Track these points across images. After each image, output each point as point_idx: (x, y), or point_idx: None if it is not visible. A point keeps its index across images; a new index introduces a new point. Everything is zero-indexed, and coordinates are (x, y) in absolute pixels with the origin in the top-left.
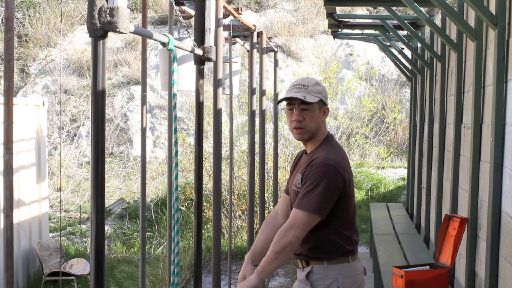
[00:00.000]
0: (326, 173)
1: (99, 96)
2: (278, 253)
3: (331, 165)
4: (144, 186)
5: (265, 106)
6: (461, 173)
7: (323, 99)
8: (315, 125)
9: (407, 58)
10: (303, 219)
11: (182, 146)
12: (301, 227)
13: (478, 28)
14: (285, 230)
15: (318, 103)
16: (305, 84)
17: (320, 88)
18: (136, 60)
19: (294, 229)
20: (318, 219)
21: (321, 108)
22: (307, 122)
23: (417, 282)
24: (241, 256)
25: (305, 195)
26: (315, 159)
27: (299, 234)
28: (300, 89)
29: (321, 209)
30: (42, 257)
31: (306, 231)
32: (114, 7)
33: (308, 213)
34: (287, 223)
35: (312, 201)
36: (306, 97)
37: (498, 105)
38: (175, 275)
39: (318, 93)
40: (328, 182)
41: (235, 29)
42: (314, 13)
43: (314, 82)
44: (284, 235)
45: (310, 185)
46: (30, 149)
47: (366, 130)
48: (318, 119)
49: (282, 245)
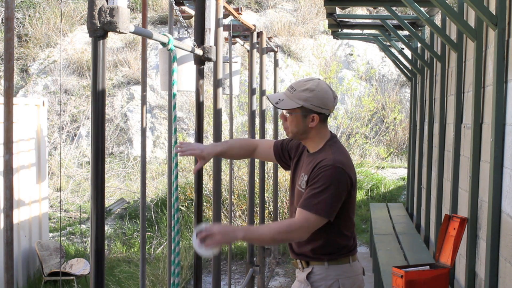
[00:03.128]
0: (336, 175)
1: (99, 96)
2: (275, 241)
3: (340, 167)
4: (144, 186)
5: (265, 106)
6: (461, 173)
7: (307, 106)
8: (297, 129)
9: (407, 58)
10: (313, 221)
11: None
12: (310, 229)
13: (478, 28)
14: (294, 227)
15: (300, 109)
16: (294, 88)
17: (308, 95)
18: (136, 60)
19: (302, 230)
20: (325, 221)
21: (307, 115)
22: (289, 124)
23: (417, 282)
24: (241, 256)
25: (314, 196)
26: (323, 160)
27: (304, 235)
28: (287, 92)
29: (331, 212)
30: (42, 257)
31: (311, 232)
32: (114, 7)
33: (318, 216)
34: (297, 221)
35: (322, 203)
36: (281, 102)
37: (498, 105)
38: (175, 275)
39: (301, 100)
40: (338, 185)
41: (235, 29)
42: (314, 13)
43: (306, 87)
44: (291, 231)
45: (320, 187)
46: (30, 149)
47: (366, 130)
48: (302, 125)
49: (284, 238)
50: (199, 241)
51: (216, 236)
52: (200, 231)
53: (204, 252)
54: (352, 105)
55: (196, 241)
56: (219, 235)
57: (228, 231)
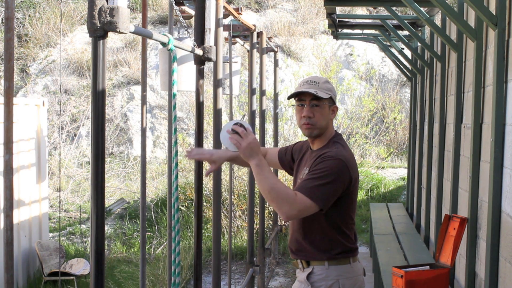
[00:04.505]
0: (336, 167)
1: (99, 96)
2: (268, 193)
3: (342, 160)
4: (144, 186)
5: (265, 106)
6: (461, 173)
7: (333, 97)
8: (324, 122)
9: (407, 58)
10: (305, 204)
11: (182, 146)
12: (300, 211)
13: (478, 28)
14: (289, 200)
15: (328, 100)
16: (315, 81)
17: (330, 86)
18: (136, 60)
19: (293, 207)
20: (317, 209)
21: (331, 106)
22: (317, 118)
23: (417, 282)
24: (241, 256)
25: (310, 181)
26: (326, 152)
27: (292, 214)
28: (311, 85)
29: (323, 200)
30: (42, 257)
31: (299, 216)
32: (114, 7)
33: (310, 200)
34: (294, 198)
35: (317, 189)
36: (317, 92)
37: (498, 105)
38: (176, 275)
39: (328, 91)
40: (337, 177)
41: (235, 29)
42: (314, 13)
43: (325, 80)
44: (285, 200)
45: (318, 174)
46: (30, 149)
47: (366, 130)
48: (328, 117)
49: (274, 199)
50: (229, 132)
51: (244, 142)
52: (237, 127)
53: (227, 144)
54: (352, 105)
55: (227, 130)
56: (245, 143)
57: (253, 148)
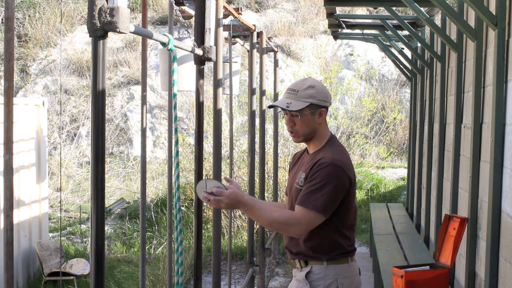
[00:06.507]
0: (334, 173)
1: (99, 96)
2: (271, 227)
3: (339, 165)
4: (144, 186)
5: (265, 106)
6: (461, 173)
7: (315, 102)
8: (308, 129)
9: (407, 58)
10: (311, 218)
11: (182, 146)
12: (307, 226)
13: (478, 28)
14: (293, 222)
15: (309, 107)
16: (295, 89)
17: (313, 92)
18: (136, 60)
19: (300, 226)
20: (323, 219)
21: (315, 112)
22: (298, 127)
23: (417, 282)
24: (241, 256)
25: (311, 193)
26: (322, 158)
27: (302, 232)
28: (290, 95)
29: (327, 209)
30: (42, 257)
31: (310, 229)
32: (114, 7)
33: (314, 212)
34: (297, 216)
35: (319, 200)
36: (290, 105)
37: (498, 105)
38: (179, 275)
39: (308, 98)
40: (336, 183)
41: (235, 29)
42: (314, 13)
43: (307, 85)
44: (289, 224)
45: (317, 184)
46: (30, 149)
47: (366, 130)
48: (312, 123)
49: (280, 229)
50: (205, 194)
51: (222, 202)
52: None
53: (200, 196)
54: (352, 105)
55: (202, 190)
56: (224, 204)
57: (234, 204)
